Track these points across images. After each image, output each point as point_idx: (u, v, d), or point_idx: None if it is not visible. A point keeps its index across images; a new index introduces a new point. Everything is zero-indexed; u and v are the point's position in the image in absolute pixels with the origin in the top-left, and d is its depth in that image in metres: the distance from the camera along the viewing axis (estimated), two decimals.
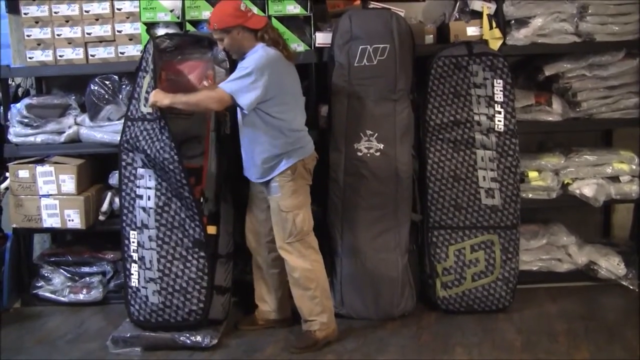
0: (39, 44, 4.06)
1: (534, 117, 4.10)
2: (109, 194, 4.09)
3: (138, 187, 3.57)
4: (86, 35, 4.04)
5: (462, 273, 3.83)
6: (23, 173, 4.00)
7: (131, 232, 3.58)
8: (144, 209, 3.55)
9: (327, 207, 3.84)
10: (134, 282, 3.57)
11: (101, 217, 4.08)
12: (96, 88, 3.99)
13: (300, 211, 3.44)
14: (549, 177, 4.11)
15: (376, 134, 3.78)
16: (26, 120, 4.06)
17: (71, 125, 4.07)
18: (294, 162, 3.40)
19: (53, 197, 4.00)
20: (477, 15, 4.01)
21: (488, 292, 3.82)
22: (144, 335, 3.53)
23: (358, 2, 4.00)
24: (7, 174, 4.06)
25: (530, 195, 4.10)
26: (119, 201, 3.75)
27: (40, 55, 4.06)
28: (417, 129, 3.89)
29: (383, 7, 3.95)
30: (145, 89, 3.55)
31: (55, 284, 4.15)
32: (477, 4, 4.00)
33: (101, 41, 4.04)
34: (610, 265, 4.12)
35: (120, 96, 3.99)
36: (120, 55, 4.04)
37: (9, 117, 4.09)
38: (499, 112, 3.83)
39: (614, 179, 4.14)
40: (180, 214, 3.52)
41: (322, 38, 3.93)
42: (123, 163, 3.60)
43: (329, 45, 3.87)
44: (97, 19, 4.03)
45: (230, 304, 3.76)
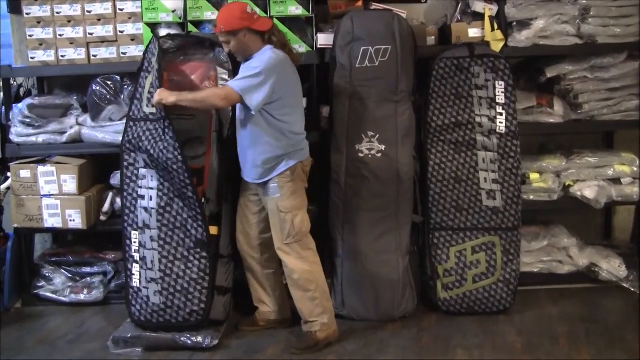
0: (41, 44, 4.06)
1: (536, 118, 4.10)
2: (110, 194, 4.09)
3: (140, 187, 3.57)
4: (88, 36, 4.04)
5: (463, 275, 3.83)
6: (24, 173, 4.00)
7: (133, 232, 3.58)
8: (145, 209, 3.55)
9: (328, 209, 3.84)
10: (135, 282, 3.57)
11: (102, 218, 4.08)
12: (98, 88, 3.99)
13: (299, 212, 3.44)
14: (550, 179, 4.11)
15: (378, 135, 3.78)
16: (28, 120, 4.06)
17: (73, 125, 4.07)
18: (294, 163, 3.40)
19: (54, 197, 4.00)
20: (479, 16, 4.02)
21: (489, 294, 3.82)
22: (144, 335, 3.53)
23: (360, 3, 3.99)
24: (9, 174, 4.07)
25: (531, 197, 4.10)
26: (120, 201, 3.74)
27: (42, 56, 4.06)
28: (419, 130, 3.88)
29: (385, 8, 3.95)
30: (147, 89, 3.54)
31: (56, 284, 4.15)
32: (479, 6, 4.01)
33: (103, 41, 4.04)
34: (612, 267, 4.11)
35: (122, 96, 3.99)
36: (122, 55, 4.04)
37: (10, 117, 4.09)
38: (501, 114, 3.83)
39: (615, 181, 4.14)
40: (183, 215, 3.52)
41: (323, 39, 3.94)
42: (125, 163, 3.60)
43: (330, 47, 3.87)
44: (99, 20, 4.03)
45: (231, 304, 3.76)
